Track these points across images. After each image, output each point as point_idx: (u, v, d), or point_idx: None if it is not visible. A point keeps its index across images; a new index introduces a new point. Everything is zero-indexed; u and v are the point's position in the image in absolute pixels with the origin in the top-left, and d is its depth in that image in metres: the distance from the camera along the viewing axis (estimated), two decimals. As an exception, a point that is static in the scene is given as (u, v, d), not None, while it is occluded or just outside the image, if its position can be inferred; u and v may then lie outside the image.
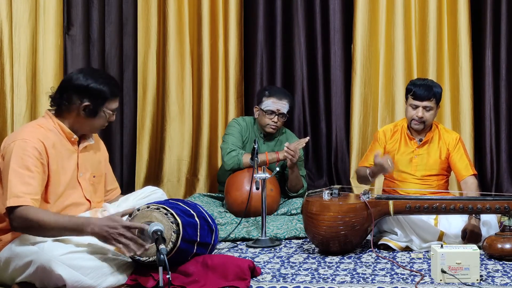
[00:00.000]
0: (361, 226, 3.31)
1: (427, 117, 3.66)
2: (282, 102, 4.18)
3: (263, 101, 4.19)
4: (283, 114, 4.19)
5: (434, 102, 3.65)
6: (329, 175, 5.00)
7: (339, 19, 4.90)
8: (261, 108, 4.20)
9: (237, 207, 3.96)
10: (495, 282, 2.81)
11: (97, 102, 2.78)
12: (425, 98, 3.62)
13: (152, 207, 2.73)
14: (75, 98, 2.77)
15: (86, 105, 2.77)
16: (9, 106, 3.88)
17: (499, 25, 4.73)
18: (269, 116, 4.17)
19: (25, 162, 2.61)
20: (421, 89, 3.64)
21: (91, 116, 2.80)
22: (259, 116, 4.23)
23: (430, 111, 3.66)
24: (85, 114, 2.79)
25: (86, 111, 2.78)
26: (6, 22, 3.85)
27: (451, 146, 3.72)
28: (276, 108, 4.16)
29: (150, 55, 4.78)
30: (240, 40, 4.90)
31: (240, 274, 2.75)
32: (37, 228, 2.54)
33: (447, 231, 3.42)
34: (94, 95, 2.76)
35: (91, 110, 2.78)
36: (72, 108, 2.79)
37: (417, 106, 3.64)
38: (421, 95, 3.62)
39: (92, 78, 2.78)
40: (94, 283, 2.57)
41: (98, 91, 2.77)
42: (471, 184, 3.64)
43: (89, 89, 2.76)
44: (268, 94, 4.20)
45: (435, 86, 3.69)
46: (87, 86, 2.76)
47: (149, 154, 4.82)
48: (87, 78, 2.77)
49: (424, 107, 3.64)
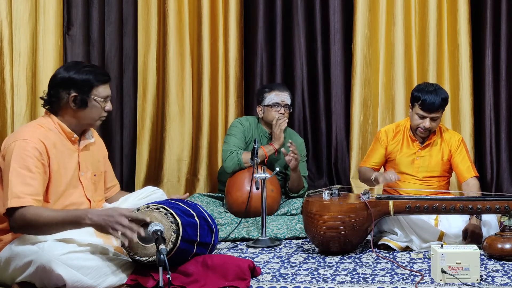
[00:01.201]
0: (361, 226, 3.31)
1: (434, 126, 3.64)
2: (285, 94, 4.20)
3: (265, 97, 4.19)
4: (288, 105, 4.20)
5: (441, 111, 3.64)
6: (329, 175, 5.00)
7: (339, 19, 4.90)
8: (265, 105, 4.19)
9: (237, 207, 3.96)
10: (495, 282, 2.81)
11: (83, 91, 2.78)
12: (434, 110, 3.58)
13: (152, 207, 2.73)
14: (61, 92, 2.78)
15: (74, 96, 2.77)
16: (9, 106, 3.87)
17: (499, 25, 4.73)
18: (276, 109, 4.16)
19: (26, 162, 2.61)
20: (430, 100, 3.54)
21: (82, 107, 2.79)
22: (265, 113, 4.21)
23: (437, 120, 3.64)
24: (76, 106, 2.79)
25: (76, 102, 2.78)
26: (6, 22, 3.85)
27: (454, 148, 3.71)
28: (281, 99, 4.17)
29: (150, 55, 4.78)
30: (240, 40, 4.90)
31: (240, 274, 2.75)
32: (36, 226, 2.54)
33: (447, 231, 3.42)
34: (78, 85, 2.77)
35: (80, 100, 2.78)
36: (62, 103, 2.79)
37: (424, 116, 3.59)
38: (430, 108, 3.56)
39: (74, 69, 2.79)
40: (94, 283, 2.57)
41: (82, 80, 2.77)
42: (473, 186, 3.65)
43: (72, 80, 2.77)
44: (268, 90, 4.21)
45: (443, 95, 3.60)
46: (69, 77, 2.77)
47: (149, 154, 4.82)
48: (68, 70, 2.79)
49: (432, 118, 3.60)
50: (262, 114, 4.24)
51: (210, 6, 4.86)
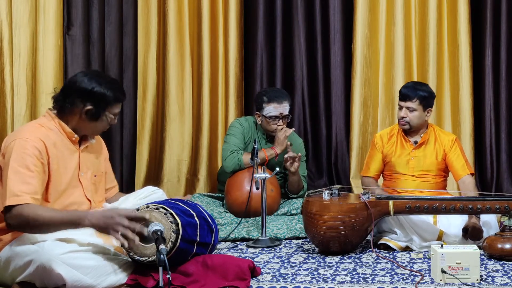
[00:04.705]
0: (361, 226, 3.31)
1: (411, 117, 3.70)
2: (283, 105, 4.12)
3: (263, 108, 4.13)
4: (287, 116, 4.18)
5: (417, 103, 3.69)
6: (329, 175, 5.00)
7: (339, 19, 4.90)
8: (263, 115, 4.15)
9: (237, 207, 3.96)
10: (495, 282, 2.81)
11: (99, 106, 2.78)
12: (407, 98, 3.70)
13: (151, 207, 2.73)
14: (78, 101, 2.77)
15: (89, 109, 2.77)
16: (9, 106, 3.88)
17: (499, 25, 4.73)
18: (273, 122, 4.13)
19: (25, 161, 2.61)
20: (405, 90, 3.74)
21: (93, 120, 2.80)
22: (263, 123, 4.17)
23: (414, 112, 3.70)
24: (87, 118, 2.79)
25: (88, 114, 2.78)
26: (6, 22, 3.85)
27: (447, 147, 3.74)
28: (279, 112, 4.12)
29: (150, 55, 4.79)
30: (240, 40, 4.90)
31: (240, 274, 2.75)
32: (33, 224, 2.53)
33: (447, 230, 3.43)
34: (97, 99, 2.76)
35: (93, 114, 2.78)
36: (75, 111, 2.79)
37: (401, 106, 3.74)
38: (404, 96, 3.72)
39: (97, 82, 2.77)
40: (94, 283, 2.57)
41: (102, 95, 2.76)
42: (469, 183, 3.66)
43: (93, 93, 2.75)
44: (267, 100, 4.11)
45: (421, 88, 3.75)
46: (91, 90, 2.75)
47: (149, 154, 4.82)
48: (91, 81, 2.77)
49: (407, 108, 3.70)
50: (260, 122, 4.21)
51: (210, 6, 4.86)
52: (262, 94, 4.20)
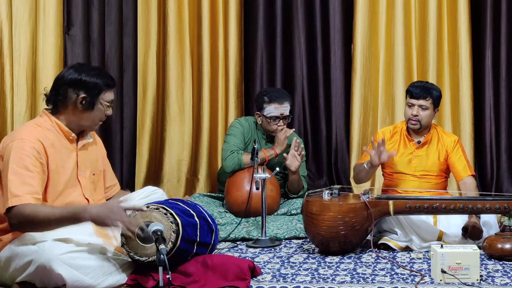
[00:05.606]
0: (361, 226, 3.31)
1: (422, 116, 3.68)
2: (284, 106, 4.13)
3: (264, 108, 4.14)
4: (287, 116, 4.18)
5: (430, 102, 3.68)
6: (329, 175, 5.00)
7: (339, 19, 4.90)
8: (263, 115, 4.16)
9: (237, 207, 3.96)
10: (495, 282, 2.81)
11: (93, 93, 2.79)
12: (421, 96, 3.67)
13: (151, 207, 2.73)
14: (70, 92, 2.78)
15: (83, 97, 2.78)
16: (9, 106, 3.88)
17: (499, 25, 4.72)
18: (274, 122, 4.14)
19: (24, 162, 2.61)
20: (418, 88, 3.71)
21: (89, 109, 2.80)
22: (263, 123, 4.18)
23: (426, 111, 3.68)
24: (83, 107, 2.79)
25: (83, 103, 2.79)
26: (6, 22, 3.85)
27: (450, 148, 3.73)
28: (280, 112, 4.12)
29: (150, 55, 4.78)
30: (240, 40, 4.90)
31: (240, 274, 2.75)
32: (35, 222, 2.53)
33: (447, 230, 3.43)
34: (89, 87, 2.78)
35: (88, 102, 2.79)
36: (69, 103, 2.79)
37: (412, 104, 3.70)
38: (417, 94, 3.69)
39: (84, 72, 2.80)
40: (94, 283, 2.57)
41: (93, 83, 2.79)
42: (470, 185, 3.65)
43: (83, 82, 2.78)
44: (268, 100, 4.12)
45: (433, 87, 3.75)
46: (81, 79, 2.78)
47: (149, 154, 4.82)
48: (79, 72, 2.80)
49: (420, 106, 3.67)
50: (260, 122, 4.21)
51: (210, 6, 4.85)
52: (263, 94, 4.20)
